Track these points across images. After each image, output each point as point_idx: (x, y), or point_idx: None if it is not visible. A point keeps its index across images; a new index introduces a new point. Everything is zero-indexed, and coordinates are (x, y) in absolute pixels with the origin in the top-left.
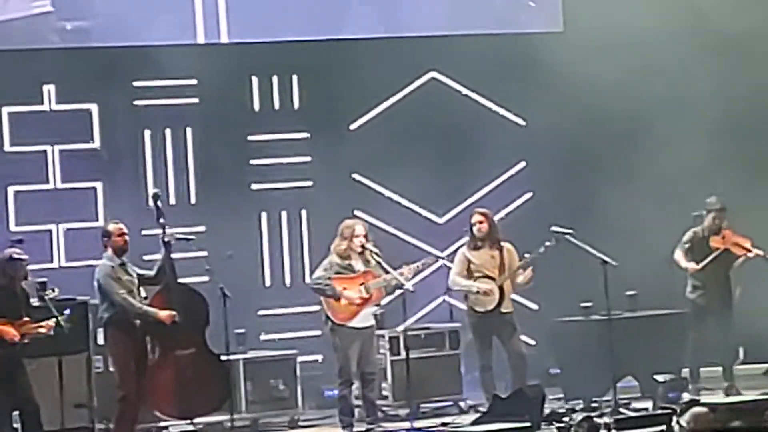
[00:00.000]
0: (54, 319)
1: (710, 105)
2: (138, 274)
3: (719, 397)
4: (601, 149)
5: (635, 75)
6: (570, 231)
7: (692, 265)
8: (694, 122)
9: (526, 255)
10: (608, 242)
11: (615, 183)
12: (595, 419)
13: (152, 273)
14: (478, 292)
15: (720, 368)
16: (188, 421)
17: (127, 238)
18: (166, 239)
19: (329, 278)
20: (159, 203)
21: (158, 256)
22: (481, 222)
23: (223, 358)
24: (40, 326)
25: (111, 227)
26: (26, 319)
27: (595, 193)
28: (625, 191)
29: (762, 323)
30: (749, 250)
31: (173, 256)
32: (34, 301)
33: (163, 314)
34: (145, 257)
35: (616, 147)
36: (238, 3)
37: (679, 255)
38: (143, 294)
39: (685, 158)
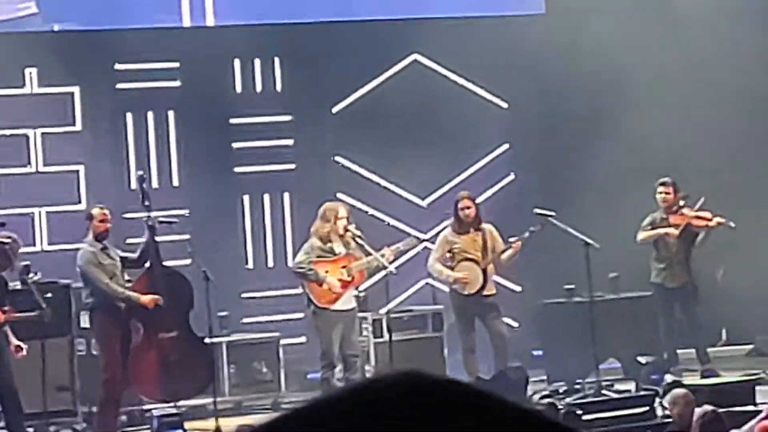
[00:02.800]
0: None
1: (696, 87)
2: (121, 257)
3: (698, 379)
4: (584, 131)
5: (617, 57)
6: (552, 213)
7: (672, 230)
8: (679, 104)
9: (511, 239)
10: (591, 224)
11: (598, 165)
12: (554, 401)
13: (135, 256)
14: (454, 282)
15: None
16: (172, 404)
17: (109, 225)
18: (150, 222)
19: (311, 262)
20: (144, 186)
21: (141, 239)
22: (468, 207)
23: (206, 341)
24: (22, 316)
25: (94, 211)
26: (9, 308)
27: (577, 175)
28: (608, 173)
29: (744, 305)
30: (710, 219)
31: (157, 239)
32: (16, 285)
33: (146, 299)
34: (128, 240)
35: (598, 129)
36: None
37: (645, 234)
38: (126, 277)
39: (670, 140)
